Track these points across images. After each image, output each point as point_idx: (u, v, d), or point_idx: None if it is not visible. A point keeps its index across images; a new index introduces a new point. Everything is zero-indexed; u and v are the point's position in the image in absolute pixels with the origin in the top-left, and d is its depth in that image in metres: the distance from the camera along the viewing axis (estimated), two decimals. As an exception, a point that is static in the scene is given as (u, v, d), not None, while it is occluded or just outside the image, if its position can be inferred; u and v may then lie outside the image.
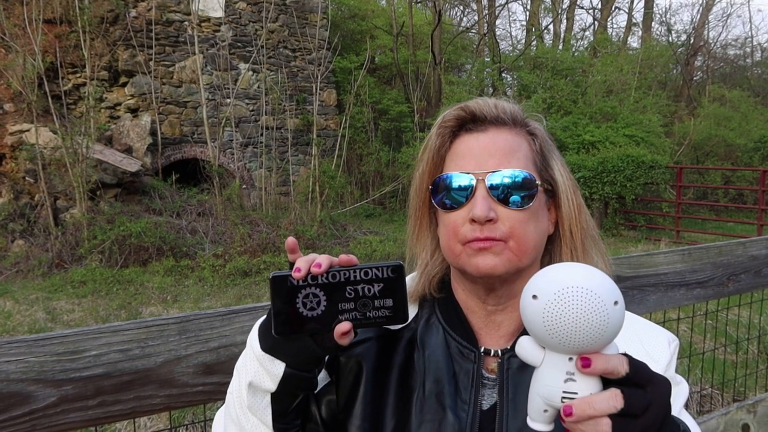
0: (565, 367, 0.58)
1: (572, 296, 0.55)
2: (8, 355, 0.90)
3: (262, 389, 0.76)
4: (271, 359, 0.75)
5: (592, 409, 0.55)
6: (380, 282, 0.70)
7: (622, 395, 0.55)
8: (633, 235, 12.69)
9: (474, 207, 0.80)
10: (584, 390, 0.56)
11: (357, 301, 0.70)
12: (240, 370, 0.80)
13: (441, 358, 0.85)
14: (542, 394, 0.59)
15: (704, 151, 18.22)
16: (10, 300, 7.00)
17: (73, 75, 11.58)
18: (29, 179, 9.82)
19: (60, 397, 0.92)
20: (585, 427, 0.55)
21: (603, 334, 0.55)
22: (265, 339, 0.75)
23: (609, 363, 0.56)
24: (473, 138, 0.85)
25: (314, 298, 0.69)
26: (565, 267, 0.59)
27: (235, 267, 8.39)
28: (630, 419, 0.55)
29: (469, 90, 16.73)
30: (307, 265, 0.70)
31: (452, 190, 0.82)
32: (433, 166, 0.87)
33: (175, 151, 12.53)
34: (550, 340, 0.57)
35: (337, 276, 0.70)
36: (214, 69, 13.03)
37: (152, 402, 0.99)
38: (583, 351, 0.56)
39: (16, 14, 10.77)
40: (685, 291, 1.68)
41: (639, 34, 24.29)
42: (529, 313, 0.58)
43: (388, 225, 12.99)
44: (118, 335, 0.97)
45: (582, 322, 0.55)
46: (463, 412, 0.81)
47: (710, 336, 4.06)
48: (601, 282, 0.56)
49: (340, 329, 0.70)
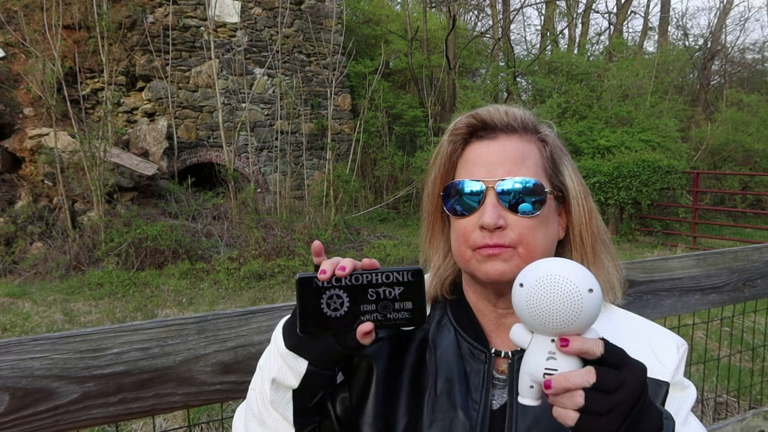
0: (548, 347, 0.65)
1: (551, 283, 0.64)
2: (33, 352, 0.92)
3: (284, 385, 0.79)
4: (294, 357, 0.78)
5: (568, 383, 0.62)
6: (401, 285, 0.73)
7: (595, 372, 0.61)
8: (649, 241, 12.57)
9: (483, 214, 0.82)
10: (564, 367, 0.64)
11: (378, 303, 0.73)
12: (263, 366, 0.83)
13: (452, 359, 0.87)
14: (528, 371, 0.67)
15: (722, 156, 18.01)
16: (29, 301, 7.10)
17: (92, 80, 11.74)
18: (48, 182, 9.97)
19: (82, 394, 0.95)
20: (562, 399, 0.62)
21: (578, 316, 0.63)
22: (289, 337, 0.78)
23: (585, 344, 0.63)
24: (483, 146, 0.87)
25: (338, 299, 0.72)
26: (548, 260, 0.68)
27: (249, 270, 8.44)
28: (603, 394, 0.61)
29: (484, 94, 16.71)
30: (332, 268, 0.72)
31: (463, 197, 0.85)
32: (444, 173, 0.90)
33: (191, 155, 12.64)
34: (533, 322, 0.65)
35: (360, 279, 0.73)
36: (229, 74, 13.14)
37: (171, 400, 1.01)
38: (563, 333, 0.64)
39: (36, 20, 10.95)
40: (700, 296, 1.67)
41: (655, 38, 24.14)
42: (517, 300, 0.67)
43: (402, 229, 13.00)
44: (139, 334, 0.99)
45: (559, 305, 0.63)
46: (473, 412, 0.83)
47: (726, 342, 4.02)
48: (577, 271, 0.65)
49: (362, 329, 0.72)
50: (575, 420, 0.62)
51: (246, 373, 1.06)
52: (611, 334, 0.69)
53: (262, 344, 1.07)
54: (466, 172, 0.86)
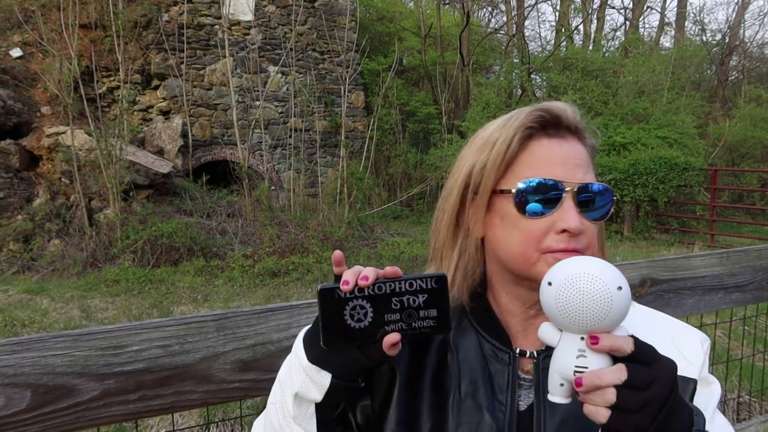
0: (578, 345, 0.65)
1: (580, 281, 0.64)
2: (54, 349, 0.92)
3: (307, 399, 0.77)
4: (317, 370, 0.75)
5: (599, 380, 0.62)
6: (424, 293, 0.71)
7: (626, 369, 0.61)
8: (665, 239, 12.44)
9: (566, 218, 0.78)
10: (594, 365, 0.64)
11: (403, 312, 0.71)
12: (284, 380, 0.80)
13: (475, 360, 0.85)
14: (558, 370, 0.67)
15: (740, 153, 17.78)
16: (47, 298, 7.18)
17: (108, 78, 11.85)
18: (65, 180, 10.08)
19: (103, 391, 0.95)
20: (594, 396, 0.62)
21: (608, 314, 0.63)
22: (311, 350, 0.76)
23: (615, 342, 0.63)
24: (556, 144, 0.83)
25: (361, 310, 0.70)
26: (576, 258, 0.68)
27: (264, 267, 8.48)
28: (634, 391, 0.61)
29: (498, 91, 16.62)
30: (354, 278, 0.70)
31: (543, 197, 0.79)
32: (501, 166, 0.83)
33: (206, 152, 12.72)
34: (563, 320, 0.65)
35: (383, 288, 0.71)
36: (243, 72, 13.20)
37: (191, 397, 1.01)
38: (592, 330, 0.64)
39: (53, 19, 11.08)
40: (723, 295, 1.65)
41: (672, 33, 23.86)
42: (546, 298, 0.67)
43: (416, 227, 12.98)
44: (159, 331, 0.99)
45: (589, 303, 0.63)
46: (500, 413, 0.81)
47: (747, 342, 3.96)
48: (606, 269, 0.65)
49: (389, 340, 0.70)
50: (607, 417, 0.62)
51: (264, 371, 1.05)
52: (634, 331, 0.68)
53: (281, 342, 1.07)
54: (538, 170, 0.81)
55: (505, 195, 0.82)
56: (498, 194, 0.83)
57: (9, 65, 10.98)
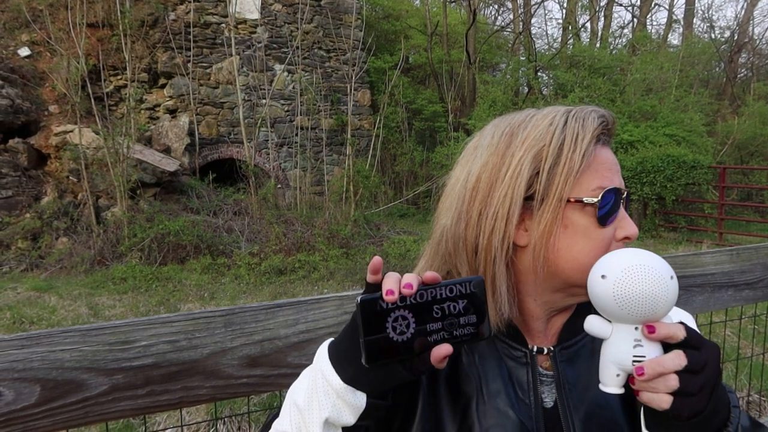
0: (633, 335, 0.67)
1: (638, 272, 0.65)
2: (63, 343, 0.92)
3: (338, 424, 0.70)
4: (352, 391, 0.68)
5: (661, 367, 0.63)
6: (464, 298, 0.68)
7: (685, 354, 0.64)
8: (673, 237, 12.38)
9: (626, 225, 0.80)
10: (651, 353, 0.66)
11: (444, 321, 0.67)
12: (304, 405, 0.71)
13: (494, 362, 0.84)
14: (614, 361, 0.68)
15: (749, 151, 17.66)
16: (55, 295, 7.22)
17: (115, 77, 11.91)
18: (72, 178, 10.13)
19: (111, 386, 0.95)
20: (655, 384, 0.64)
21: (664, 303, 0.65)
22: (344, 369, 0.69)
23: (670, 329, 0.65)
24: (608, 151, 0.83)
25: (403, 321, 0.65)
26: (625, 250, 0.69)
27: (270, 265, 8.49)
28: (692, 375, 0.63)
29: (504, 89, 16.57)
30: (398, 286, 0.65)
31: (613, 206, 0.79)
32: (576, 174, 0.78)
33: (212, 151, 12.75)
34: (619, 312, 0.66)
35: (425, 295, 0.66)
36: (250, 70, 13.22)
37: (198, 393, 1.01)
38: (648, 320, 0.66)
39: (60, 19, 11.13)
40: (733, 292, 1.63)
41: (680, 30, 23.71)
42: (600, 292, 0.68)
43: (422, 225, 12.97)
44: (167, 327, 0.99)
45: (648, 293, 0.65)
46: (526, 414, 0.81)
47: (754, 341, 3.94)
48: (658, 260, 0.67)
49: (440, 353, 0.65)
50: (670, 402, 0.63)
51: (272, 367, 1.05)
52: None
53: (289, 338, 1.06)
54: (604, 178, 0.79)
55: (575, 204, 0.78)
56: (569, 204, 0.79)
57: (17, 64, 11.04)
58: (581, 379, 0.84)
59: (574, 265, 0.78)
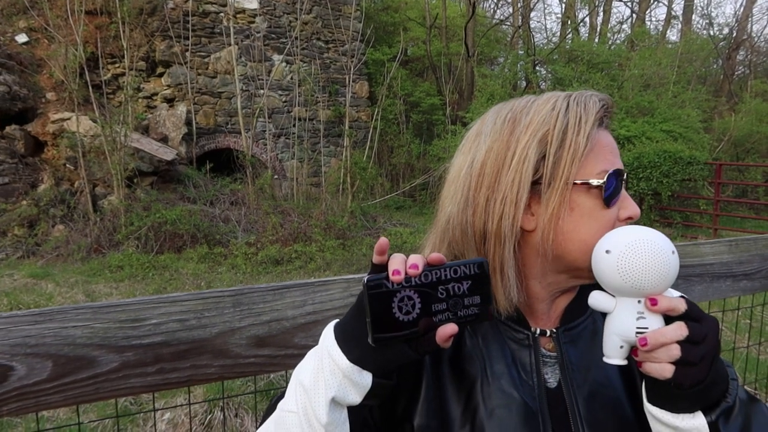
0: (636, 308, 0.69)
1: (641, 246, 0.68)
2: (75, 320, 0.93)
3: (344, 403, 0.71)
4: (359, 370, 0.69)
5: (664, 338, 0.66)
6: (468, 279, 0.69)
7: (686, 325, 0.66)
8: (668, 233, 12.42)
9: (628, 205, 0.82)
10: (653, 325, 0.68)
11: (449, 301, 0.68)
12: (311, 386, 0.71)
13: (497, 344, 0.85)
14: (618, 332, 0.70)
15: (745, 148, 17.72)
16: (52, 282, 7.22)
17: (113, 65, 11.84)
18: (69, 166, 10.10)
19: (122, 363, 0.96)
20: (658, 354, 0.66)
21: (666, 276, 0.68)
22: (351, 349, 0.69)
23: (672, 302, 0.67)
24: (608, 134, 0.85)
25: (409, 301, 0.67)
26: (627, 227, 0.73)
27: (267, 255, 8.50)
28: (693, 345, 0.66)
29: (503, 83, 16.56)
30: (404, 267, 0.66)
31: (617, 187, 0.81)
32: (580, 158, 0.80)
33: (210, 140, 12.72)
34: (623, 285, 0.69)
35: (430, 276, 0.68)
36: (248, 60, 13.17)
37: (207, 371, 1.02)
38: (651, 293, 0.68)
39: (58, 5, 11.05)
40: (731, 282, 1.65)
41: (679, 27, 23.72)
42: (604, 266, 0.70)
43: (419, 217, 12.99)
44: (177, 305, 1.00)
45: (651, 266, 0.67)
46: (530, 395, 0.82)
47: (746, 334, 3.98)
48: (659, 235, 0.70)
49: (445, 332, 0.67)
50: (672, 372, 0.66)
51: (279, 347, 1.07)
52: None
53: (296, 319, 1.08)
54: (606, 161, 0.81)
55: (581, 187, 0.80)
56: (575, 186, 0.80)
57: (15, 51, 10.97)
58: (584, 359, 0.85)
59: (581, 246, 0.80)
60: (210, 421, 3.16)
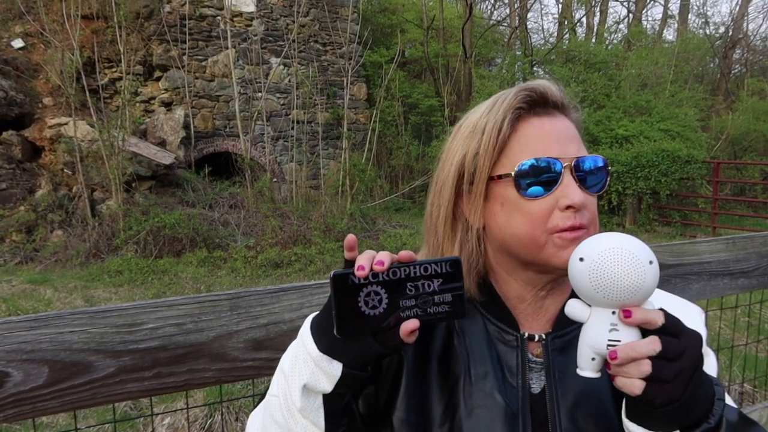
0: (609, 319, 0.66)
1: (614, 256, 0.64)
2: (71, 325, 0.93)
3: (316, 391, 0.74)
4: (328, 360, 0.72)
5: (634, 352, 0.62)
6: (439, 277, 0.70)
7: (660, 340, 0.62)
8: (667, 231, 12.45)
9: (569, 193, 0.78)
10: (626, 338, 0.65)
11: (418, 298, 0.69)
12: (289, 371, 0.75)
13: (483, 344, 0.85)
14: (590, 344, 0.67)
15: (742, 146, 17.75)
16: (50, 288, 7.21)
17: (109, 69, 11.83)
18: (67, 171, 10.09)
19: (118, 368, 0.96)
20: (628, 369, 0.63)
21: (641, 288, 0.64)
22: (321, 339, 0.72)
23: (647, 315, 0.64)
24: (547, 122, 0.82)
25: (376, 296, 0.68)
26: (605, 234, 0.69)
27: (266, 258, 8.50)
28: (668, 362, 0.62)
29: (501, 84, 16.58)
30: (369, 263, 0.68)
31: (542, 177, 0.78)
32: (494, 151, 0.81)
33: (208, 144, 12.72)
34: (595, 295, 0.65)
35: (398, 273, 0.69)
36: (246, 63, 13.17)
37: (204, 375, 1.02)
38: (625, 304, 0.65)
39: (54, 10, 11.05)
40: (728, 280, 1.66)
41: (675, 26, 23.75)
42: (577, 274, 0.67)
43: (418, 219, 12.98)
44: (174, 309, 1.00)
45: (624, 277, 0.63)
46: (513, 397, 0.81)
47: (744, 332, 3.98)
48: (636, 244, 0.65)
49: (407, 327, 0.68)
50: (642, 388, 0.63)
51: (277, 350, 1.06)
52: None
53: (294, 321, 1.08)
54: (532, 150, 0.80)
55: (503, 180, 0.81)
56: (495, 180, 0.82)
57: (11, 56, 10.97)
58: (572, 367, 0.85)
59: (516, 240, 0.81)
60: (210, 425, 3.16)
